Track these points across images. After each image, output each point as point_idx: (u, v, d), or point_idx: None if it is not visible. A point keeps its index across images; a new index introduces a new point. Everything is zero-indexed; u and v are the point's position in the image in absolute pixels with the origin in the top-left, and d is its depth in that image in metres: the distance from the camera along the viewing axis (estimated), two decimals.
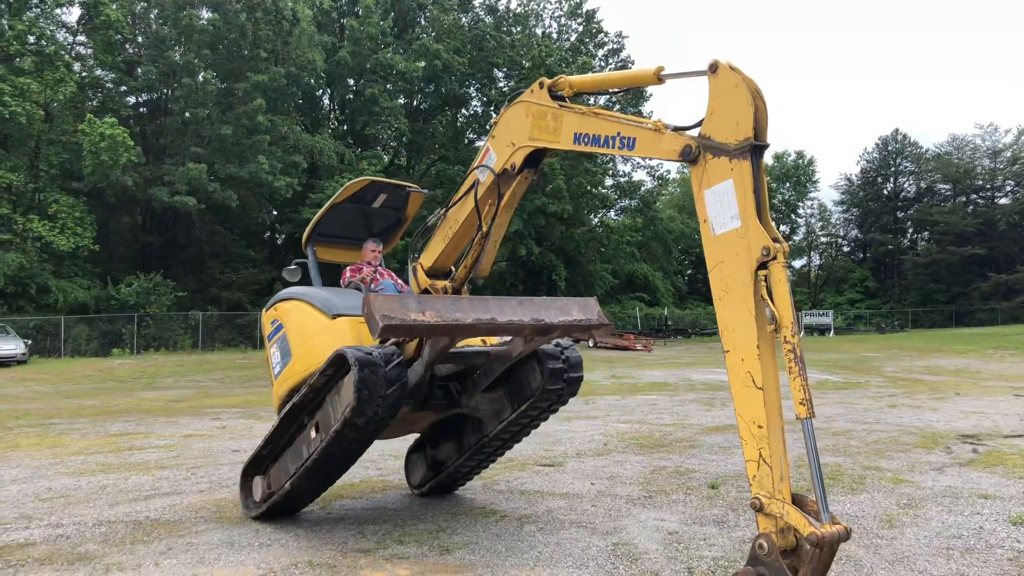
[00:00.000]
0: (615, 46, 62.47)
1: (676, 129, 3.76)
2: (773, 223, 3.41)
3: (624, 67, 62.61)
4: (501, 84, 57.04)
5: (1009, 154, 71.55)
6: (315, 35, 43.88)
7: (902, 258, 75.97)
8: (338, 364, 5.25)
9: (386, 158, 53.92)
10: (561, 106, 4.54)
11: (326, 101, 54.25)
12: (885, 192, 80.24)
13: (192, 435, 11.58)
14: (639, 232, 62.03)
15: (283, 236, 50.86)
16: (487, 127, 59.89)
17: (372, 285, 6.64)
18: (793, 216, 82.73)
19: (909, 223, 79.20)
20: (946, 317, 65.29)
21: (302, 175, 42.80)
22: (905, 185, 79.61)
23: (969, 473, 8.08)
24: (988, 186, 74.24)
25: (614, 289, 58.84)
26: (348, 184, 6.66)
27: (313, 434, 5.60)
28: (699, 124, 3.65)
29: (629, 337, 40.95)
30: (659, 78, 3.97)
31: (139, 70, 41.63)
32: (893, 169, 79.22)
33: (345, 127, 52.91)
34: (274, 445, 6.17)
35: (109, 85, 43.54)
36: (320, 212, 6.78)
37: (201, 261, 43.80)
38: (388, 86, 49.52)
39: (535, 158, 4.94)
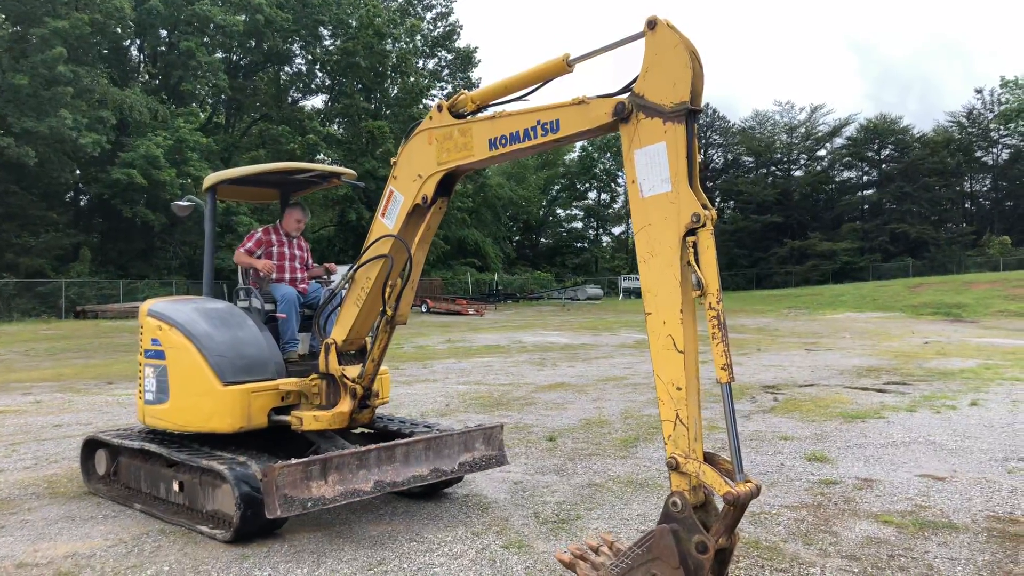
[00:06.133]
0: (443, 9, 62.34)
1: (600, 97, 3.59)
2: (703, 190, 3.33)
3: (453, 31, 62.70)
4: (327, 42, 55.35)
5: (803, 130, 78.83)
6: None
7: None
8: (218, 477, 4.98)
9: (203, 115, 51.08)
10: (466, 121, 4.30)
11: (135, 53, 50.46)
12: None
13: (3, 411, 10.75)
14: (469, 198, 62.67)
15: (88, 197, 46.98)
16: (312, 86, 58.38)
17: (273, 280, 6.22)
18: (613, 185, 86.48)
19: (717, 192, 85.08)
20: (749, 280, 71.01)
21: (110, 131, 39.69)
22: (715, 157, 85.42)
23: (771, 419, 9.13)
24: (785, 159, 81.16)
25: (446, 255, 59.25)
26: (278, 164, 6.13)
27: (176, 489, 5.35)
28: (625, 90, 3.50)
29: (462, 302, 41.59)
30: (568, 64, 3.77)
31: None
32: (704, 141, 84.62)
33: (158, 81, 49.45)
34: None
35: None
36: (238, 172, 6.12)
37: None
38: (206, 39, 46.73)
39: (447, 185, 4.67)
